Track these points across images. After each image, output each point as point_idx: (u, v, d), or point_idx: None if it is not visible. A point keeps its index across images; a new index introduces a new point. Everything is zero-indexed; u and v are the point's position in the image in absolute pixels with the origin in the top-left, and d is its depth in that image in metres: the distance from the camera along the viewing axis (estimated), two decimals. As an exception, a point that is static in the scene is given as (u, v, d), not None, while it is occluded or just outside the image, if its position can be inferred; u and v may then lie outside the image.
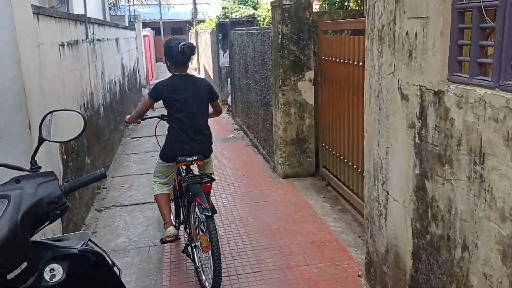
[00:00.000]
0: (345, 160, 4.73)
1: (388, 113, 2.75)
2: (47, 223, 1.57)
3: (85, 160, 4.89)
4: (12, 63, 2.83)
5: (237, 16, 18.06)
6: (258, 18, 17.31)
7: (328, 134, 5.26)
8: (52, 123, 1.97)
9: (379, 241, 3.02)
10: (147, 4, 30.59)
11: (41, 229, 1.58)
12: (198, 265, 3.40)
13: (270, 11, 18.07)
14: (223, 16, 19.64)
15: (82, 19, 5.21)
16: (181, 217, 3.89)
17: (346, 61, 4.46)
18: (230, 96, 10.53)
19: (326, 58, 5.09)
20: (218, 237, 3.06)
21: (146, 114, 3.81)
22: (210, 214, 3.07)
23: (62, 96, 4.07)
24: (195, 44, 22.45)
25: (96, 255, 1.62)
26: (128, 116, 3.95)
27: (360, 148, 4.33)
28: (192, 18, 27.47)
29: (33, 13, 3.37)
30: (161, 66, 27.55)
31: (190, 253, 3.51)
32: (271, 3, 5.69)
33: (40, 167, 1.77)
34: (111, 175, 6.17)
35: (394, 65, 2.64)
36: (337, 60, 4.72)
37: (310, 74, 5.48)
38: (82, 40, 5.20)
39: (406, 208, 2.58)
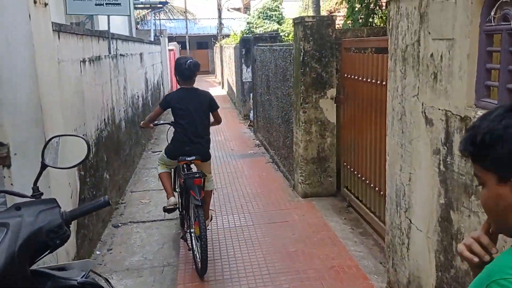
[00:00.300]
0: (367, 182, 4.58)
1: (412, 137, 2.62)
2: (47, 253, 1.51)
3: (104, 175, 4.88)
4: (30, 79, 2.83)
5: (262, 31, 18.14)
6: (282, 33, 17.35)
7: (350, 153, 5.12)
8: (58, 148, 1.91)
9: (400, 271, 2.86)
10: (174, 19, 31.08)
11: (41, 259, 1.52)
12: (194, 248, 3.87)
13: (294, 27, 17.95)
14: (247, 31, 19.75)
15: (105, 35, 5.26)
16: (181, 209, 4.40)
17: (369, 80, 4.35)
18: (252, 111, 10.50)
19: (349, 76, 4.98)
20: (205, 230, 3.63)
21: (158, 120, 4.51)
22: (199, 204, 3.64)
23: (81, 112, 4.08)
24: (218, 58, 22.53)
25: (96, 287, 1.54)
26: (142, 122, 4.56)
27: (382, 169, 4.18)
28: (217, 33, 27.77)
29: (53, 30, 3.40)
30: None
31: (187, 238, 4.03)
32: (293, 19, 5.63)
33: (42, 194, 1.72)
34: (130, 190, 6.16)
35: (418, 88, 2.52)
36: (360, 78, 4.60)
37: (332, 92, 5.38)
38: (105, 55, 5.24)
39: (429, 239, 2.44)
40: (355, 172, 4.96)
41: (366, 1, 6.84)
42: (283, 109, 6.52)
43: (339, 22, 8.21)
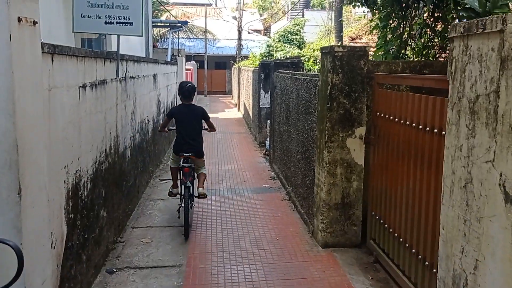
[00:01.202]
0: (400, 238, 3.95)
1: (481, 215, 2.01)
2: None
3: (100, 213, 4.33)
4: (4, 115, 2.32)
5: (282, 55, 17.74)
6: (302, 58, 16.92)
7: (379, 201, 4.50)
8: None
9: None
10: (194, 38, 31.01)
11: None
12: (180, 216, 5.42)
13: (315, 52, 17.69)
14: (267, 54, 19.39)
15: (112, 57, 4.78)
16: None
17: (408, 123, 3.76)
18: (268, 140, 9.94)
19: (382, 115, 4.39)
20: (189, 201, 5.36)
21: (168, 127, 6.11)
22: (186, 185, 5.36)
23: (76, 145, 3.55)
24: (236, 79, 22.16)
25: None
26: (159, 129, 6.23)
27: (418, 226, 3.57)
28: (236, 54, 27.51)
29: (46, 52, 2.90)
30: (202, 99, 27.58)
31: (179, 210, 5.57)
32: (321, 49, 5.10)
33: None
34: (131, 225, 5.60)
35: (495, 152, 1.93)
36: (396, 119, 4.02)
37: (361, 131, 4.79)
38: (111, 79, 4.75)
39: None
40: (385, 224, 4.33)
41: (398, 31, 6.31)
42: (303, 144, 5.94)
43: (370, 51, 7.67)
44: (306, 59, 18.07)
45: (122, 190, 5.37)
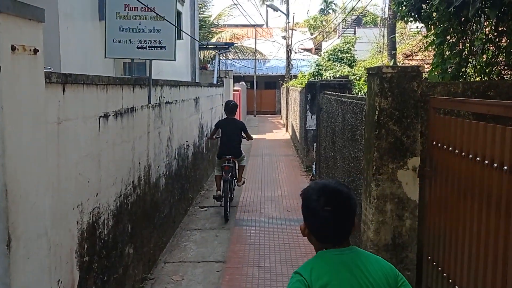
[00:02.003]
0: (463, 293, 3.33)
1: None
2: None
3: (125, 251, 4.03)
4: (-9, 156, 2.04)
5: (332, 74, 17.23)
6: (353, 77, 16.30)
7: (437, 245, 3.88)
8: None
9: None
10: (244, 59, 31.18)
11: None
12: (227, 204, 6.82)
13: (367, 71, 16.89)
14: (316, 73, 18.94)
15: (143, 82, 4.54)
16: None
17: (471, 156, 3.18)
18: (315, 164, 9.43)
19: (440, 145, 3.81)
20: (229, 191, 6.89)
21: (216, 135, 7.49)
22: (225, 179, 6.76)
23: (93, 180, 3.27)
24: (284, 99, 21.78)
25: None
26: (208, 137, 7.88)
27: (484, 281, 2.95)
28: (286, 73, 27.26)
29: (55, 82, 2.64)
30: (251, 119, 27.46)
31: (221, 201, 6.91)
32: (367, 69, 4.60)
33: None
34: (164, 259, 5.28)
35: None
36: (457, 151, 3.44)
37: (414, 162, 4.21)
38: (142, 106, 4.51)
39: None
40: (443, 273, 3.70)
41: (458, 47, 5.68)
42: (349, 174, 5.41)
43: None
44: (357, 78, 17.44)
45: (154, 222, 5.07)
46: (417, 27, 27.84)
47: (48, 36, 4.66)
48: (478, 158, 3.10)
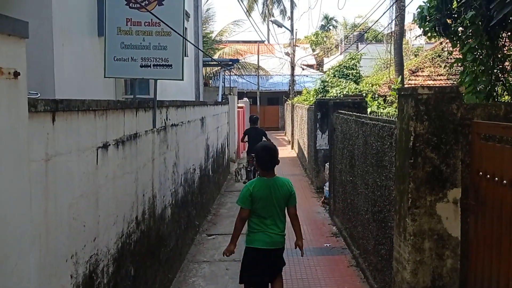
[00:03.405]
0: None
1: None
2: None
3: (127, 297, 3.50)
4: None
5: (338, 91, 16.81)
6: (362, 94, 15.86)
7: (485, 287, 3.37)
8: None
9: None
10: (246, 75, 30.86)
11: None
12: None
13: (373, 86, 16.55)
14: (322, 90, 18.53)
15: (148, 105, 4.07)
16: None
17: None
18: (327, 185, 8.91)
19: (487, 176, 3.33)
20: (253, 176, 9.28)
21: (245, 140, 10.43)
22: (250, 169, 9.94)
23: (90, 223, 2.78)
24: (289, 116, 21.40)
25: None
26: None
27: None
28: (289, 90, 26.88)
29: (43, 111, 2.17)
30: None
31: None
32: (398, 90, 4.13)
33: None
34: (169, 300, 4.75)
35: None
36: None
37: (455, 194, 3.71)
38: (146, 131, 4.03)
39: None
40: (496, 323, 3.18)
41: (488, 64, 5.22)
42: (375, 203, 4.91)
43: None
44: (364, 94, 17.02)
45: (160, 258, 4.56)
46: (424, 43, 27.53)
47: (41, 54, 4.23)
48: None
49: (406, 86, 17.44)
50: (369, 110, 13.79)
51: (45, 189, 2.23)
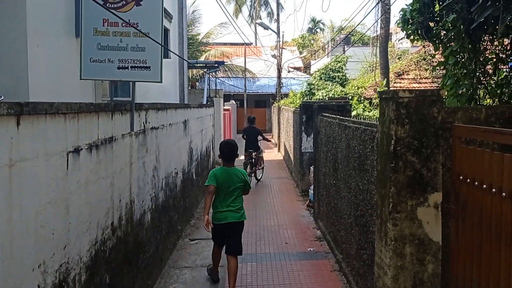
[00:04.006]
0: None
1: None
2: None
3: (101, 307, 3.40)
4: None
5: (324, 94, 16.83)
6: (346, 96, 15.89)
7: (467, 295, 3.34)
8: None
9: None
10: (233, 77, 30.78)
11: None
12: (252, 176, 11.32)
13: (359, 89, 16.62)
14: (308, 92, 18.53)
15: (125, 107, 3.97)
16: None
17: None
18: (312, 188, 8.87)
19: (468, 180, 3.30)
20: (251, 170, 11.43)
21: (243, 137, 11.97)
22: (248, 163, 11.41)
23: (60, 231, 2.67)
24: (275, 119, 21.39)
25: None
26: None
27: None
28: (276, 92, 26.86)
29: (7, 114, 2.07)
30: (242, 139, 26.87)
31: (252, 175, 11.30)
32: (380, 93, 4.10)
33: None
34: (149, 307, 4.64)
35: None
36: (494, 190, 2.92)
37: (436, 198, 3.68)
38: (123, 134, 3.93)
39: None
40: (478, 330, 3.15)
41: (470, 67, 5.22)
42: (357, 207, 4.86)
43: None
44: (350, 97, 17.06)
45: (138, 265, 4.45)
46: (410, 46, 27.77)
47: (14, 55, 4.11)
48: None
49: (391, 89, 17.53)
50: (354, 112, 13.83)
51: (9, 196, 2.12)
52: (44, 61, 4.39)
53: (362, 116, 11.72)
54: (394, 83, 18.83)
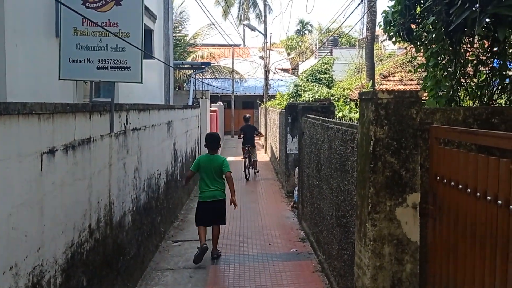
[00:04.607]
0: None
1: None
2: None
3: (78, 310, 3.36)
4: None
5: (310, 95, 16.88)
6: (332, 98, 15.97)
7: (444, 295, 3.37)
8: None
9: None
10: (221, 78, 30.74)
11: None
12: (246, 171, 12.70)
13: (345, 91, 16.71)
14: (295, 94, 18.59)
15: (104, 108, 3.94)
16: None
17: (490, 198, 2.69)
18: (296, 190, 8.89)
19: (445, 181, 3.33)
20: (249, 162, 12.89)
21: (240, 136, 13.61)
22: (246, 155, 12.88)
23: (33, 233, 2.64)
24: (263, 120, 21.42)
25: None
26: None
27: None
28: (264, 93, 26.89)
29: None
30: (229, 140, 26.89)
31: (247, 170, 12.71)
32: (359, 94, 4.12)
33: None
34: (129, 309, 4.61)
35: None
36: (469, 190, 2.95)
37: (414, 198, 3.71)
38: (102, 135, 3.90)
39: None
40: (454, 328, 3.18)
41: (450, 69, 5.28)
42: (338, 207, 4.88)
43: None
44: (336, 99, 17.15)
45: (118, 267, 4.41)
46: (398, 48, 27.99)
47: (-10, 55, 4.04)
48: (489, 198, 2.64)
49: (376, 90, 17.63)
50: (340, 114, 13.91)
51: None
52: (23, 61, 4.33)
53: (347, 118, 11.79)
54: (380, 84, 18.97)
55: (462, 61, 5.27)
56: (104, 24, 4.00)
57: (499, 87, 5.26)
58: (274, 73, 30.98)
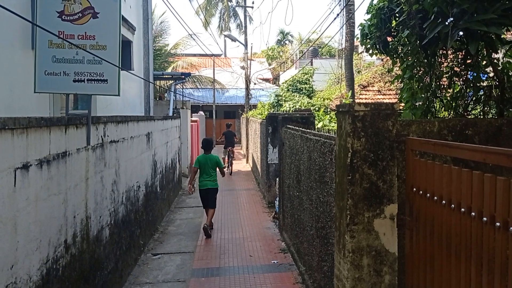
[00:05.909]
0: None
1: None
2: None
3: (53, 328, 3.28)
4: None
5: (291, 105, 16.99)
6: (312, 108, 16.09)
7: (421, 306, 3.40)
8: None
9: None
10: (202, 88, 30.70)
11: None
12: (228, 166, 15.98)
13: (325, 101, 16.82)
14: (276, 104, 18.67)
15: (81, 121, 3.89)
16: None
17: (464, 210, 2.74)
18: (277, 200, 8.90)
19: (421, 192, 3.38)
20: (230, 162, 16.22)
21: (221, 139, 18.00)
22: (229, 156, 16.43)
23: (6, 250, 2.58)
24: (244, 130, 21.44)
25: None
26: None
27: None
28: (245, 103, 26.93)
29: None
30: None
31: (228, 166, 15.84)
32: (337, 107, 4.16)
33: None
34: (107, 325, 4.52)
35: None
36: (444, 201, 3.00)
37: (392, 209, 3.75)
38: (78, 149, 3.84)
39: None
40: None
41: (426, 81, 5.39)
42: (318, 219, 4.90)
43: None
44: (317, 109, 17.29)
45: (95, 283, 4.33)
46: (376, 59, 28.42)
47: (-38, 67, 3.96)
48: (463, 210, 2.70)
49: (356, 100, 17.88)
50: (321, 124, 14.00)
51: None
52: (-4, 74, 4.26)
53: (327, 128, 11.87)
54: (359, 94, 19.23)
55: (437, 73, 5.39)
56: (81, 37, 3.97)
57: (473, 99, 5.39)
58: (255, 83, 31.11)
